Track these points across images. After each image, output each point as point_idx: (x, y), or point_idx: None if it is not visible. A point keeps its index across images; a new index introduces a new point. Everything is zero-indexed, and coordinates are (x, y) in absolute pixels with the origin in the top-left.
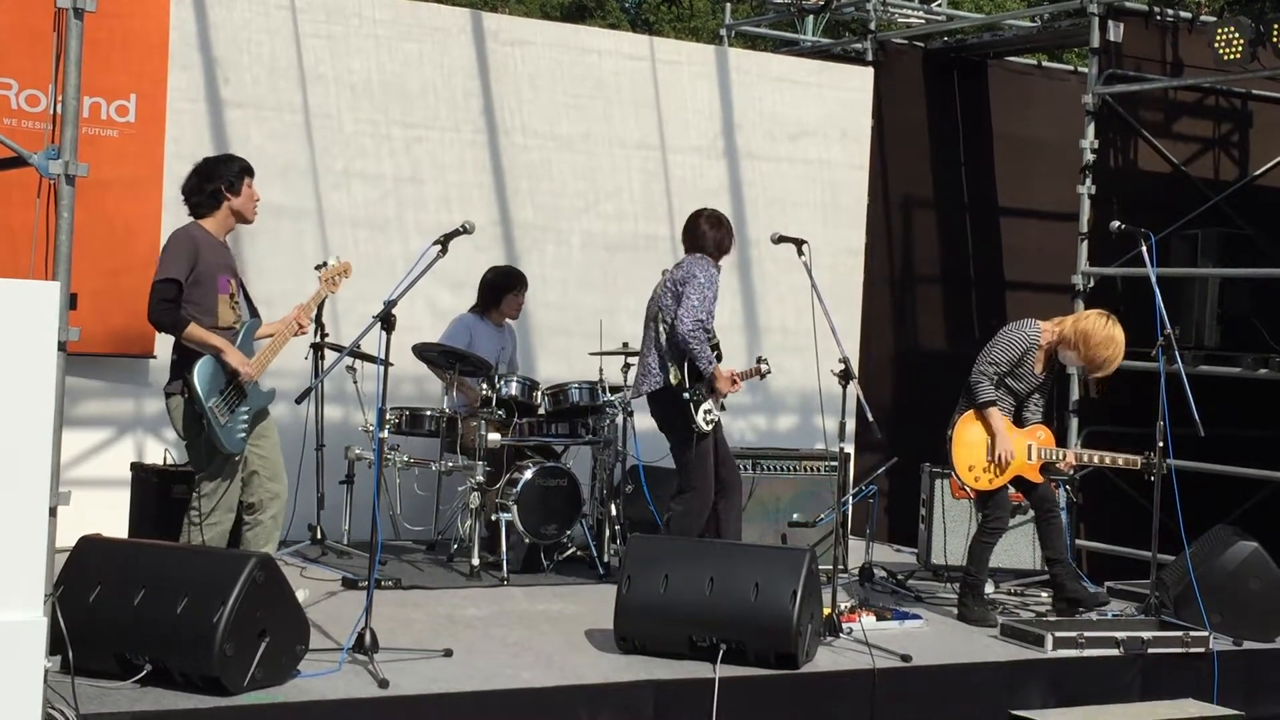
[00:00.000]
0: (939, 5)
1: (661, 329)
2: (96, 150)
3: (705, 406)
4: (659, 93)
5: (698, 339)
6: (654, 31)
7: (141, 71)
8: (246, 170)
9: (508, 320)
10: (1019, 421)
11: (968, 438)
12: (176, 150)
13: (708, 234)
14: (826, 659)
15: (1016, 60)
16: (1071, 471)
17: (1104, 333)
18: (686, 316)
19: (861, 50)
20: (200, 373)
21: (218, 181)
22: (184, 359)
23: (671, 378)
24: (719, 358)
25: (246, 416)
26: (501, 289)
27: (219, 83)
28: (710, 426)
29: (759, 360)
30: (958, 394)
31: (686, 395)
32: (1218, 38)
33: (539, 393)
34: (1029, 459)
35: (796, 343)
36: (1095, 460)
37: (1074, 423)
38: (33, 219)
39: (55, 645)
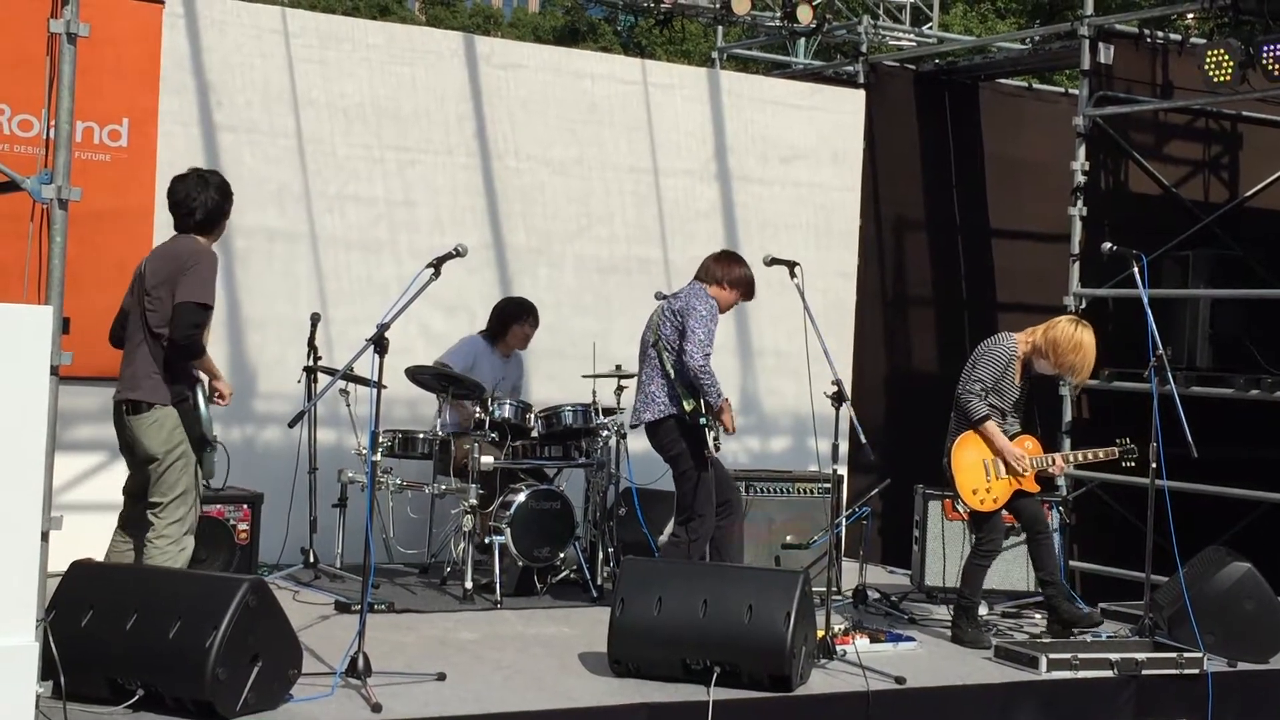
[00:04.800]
0: (930, 28)
1: (665, 358)
2: (89, 175)
3: (714, 433)
4: (651, 116)
5: (708, 372)
6: (646, 55)
7: (133, 96)
8: None
9: (516, 351)
10: (1004, 433)
11: (965, 461)
12: (171, 174)
13: (711, 267)
14: (820, 681)
15: (1007, 82)
16: (1060, 483)
17: (1072, 339)
18: (696, 352)
19: (853, 73)
20: (203, 404)
21: (229, 203)
22: (177, 380)
23: (685, 405)
24: None
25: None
26: (509, 318)
27: (212, 106)
28: (718, 452)
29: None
30: (949, 415)
31: (703, 421)
32: (1208, 60)
33: (532, 415)
34: (1026, 470)
35: (789, 365)
36: (1080, 458)
37: (1066, 444)
38: (22, 251)
39: (47, 670)
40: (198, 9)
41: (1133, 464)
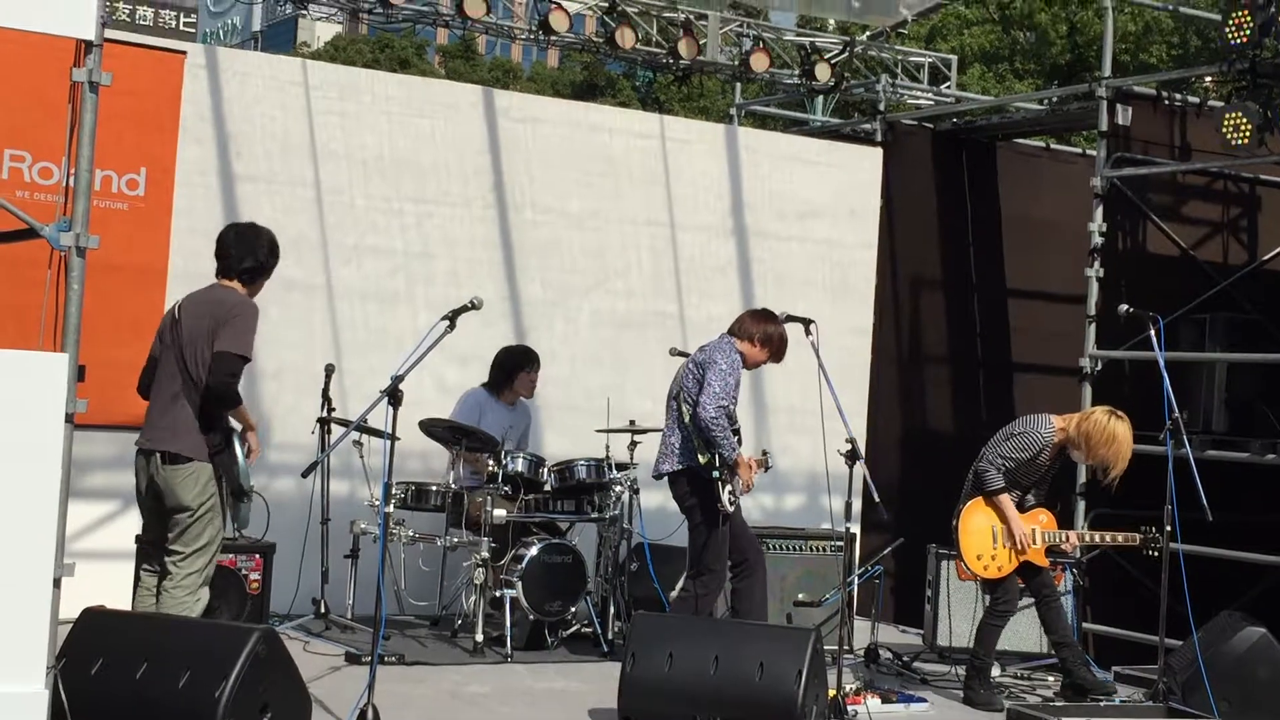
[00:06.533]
0: (948, 87)
1: (684, 409)
2: (107, 224)
3: (729, 487)
4: (669, 171)
5: (720, 425)
6: (664, 110)
7: (152, 145)
8: None
9: (521, 399)
10: (1020, 506)
11: (974, 525)
12: (189, 225)
13: (745, 322)
14: None
15: (1025, 142)
16: (1077, 554)
17: (1105, 431)
18: (709, 403)
19: (871, 130)
20: (240, 454)
21: (275, 261)
22: (212, 430)
23: (700, 458)
24: (739, 441)
25: None
26: (514, 368)
27: (231, 156)
28: (734, 508)
29: (764, 453)
30: (964, 475)
31: (716, 475)
32: (1226, 123)
33: (545, 469)
34: (1033, 543)
35: (803, 422)
36: (1096, 540)
37: (1080, 505)
38: (40, 298)
39: (56, 718)
40: (219, 60)
41: (1155, 554)
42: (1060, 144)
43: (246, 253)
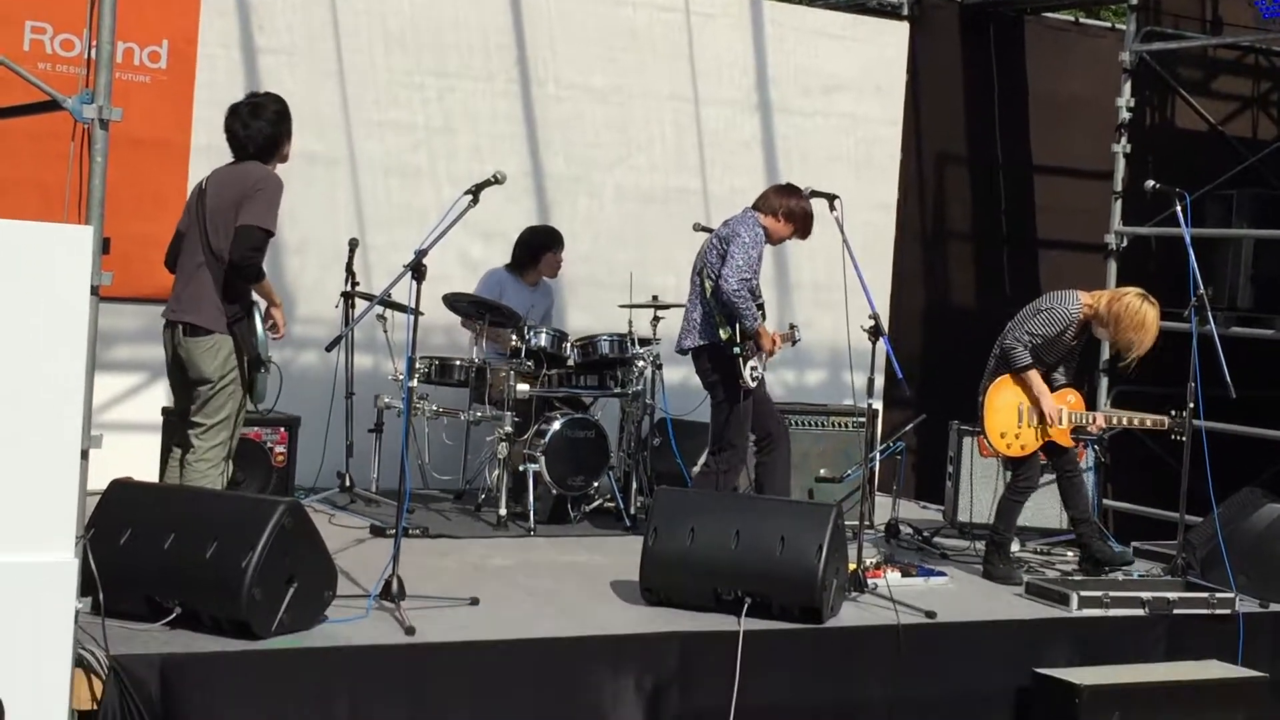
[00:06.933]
0: None
1: (707, 284)
2: (129, 97)
3: (752, 363)
4: (693, 45)
5: (743, 297)
6: None
7: (173, 17)
8: None
9: (544, 279)
10: (1046, 384)
11: (1000, 402)
12: (210, 96)
13: (770, 196)
14: (851, 614)
15: (1053, 16)
16: (1101, 433)
17: (1136, 315)
18: (731, 276)
19: (897, 4)
20: (260, 325)
21: (282, 127)
22: (233, 301)
23: (721, 333)
24: (763, 317)
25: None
26: (540, 248)
27: (253, 29)
28: (755, 383)
29: (791, 327)
30: (988, 352)
31: (736, 351)
32: None
33: (568, 344)
34: (1060, 423)
35: (827, 298)
36: (1124, 422)
37: (1104, 382)
38: (63, 173)
39: (86, 586)
40: None
41: (1181, 437)
42: (1090, 18)
43: (251, 132)
